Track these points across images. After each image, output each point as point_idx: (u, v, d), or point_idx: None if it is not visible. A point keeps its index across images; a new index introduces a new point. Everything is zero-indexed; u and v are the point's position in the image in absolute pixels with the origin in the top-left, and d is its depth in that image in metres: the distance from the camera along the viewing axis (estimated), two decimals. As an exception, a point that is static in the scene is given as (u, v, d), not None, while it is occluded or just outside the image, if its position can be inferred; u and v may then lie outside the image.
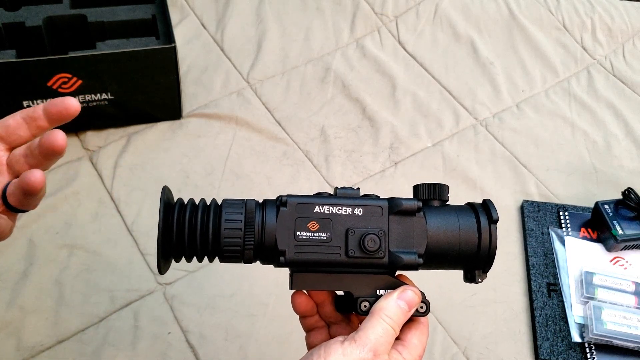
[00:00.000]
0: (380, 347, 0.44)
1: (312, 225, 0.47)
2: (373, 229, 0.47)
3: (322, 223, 0.47)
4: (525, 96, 1.06)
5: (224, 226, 0.46)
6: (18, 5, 0.88)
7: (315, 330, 0.53)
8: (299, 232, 0.47)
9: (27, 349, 0.72)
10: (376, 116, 0.99)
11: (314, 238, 0.47)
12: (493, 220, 0.49)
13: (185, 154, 0.92)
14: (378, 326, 0.44)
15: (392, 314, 0.45)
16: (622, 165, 0.97)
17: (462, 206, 0.51)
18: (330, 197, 0.48)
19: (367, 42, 1.10)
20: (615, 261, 0.84)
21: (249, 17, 1.13)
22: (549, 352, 0.75)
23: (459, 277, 0.82)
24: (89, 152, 0.92)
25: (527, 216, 0.88)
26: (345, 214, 0.47)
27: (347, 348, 0.43)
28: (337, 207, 0.47)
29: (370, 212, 0.47)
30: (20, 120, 0.46)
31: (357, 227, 0.47)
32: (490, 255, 0.49)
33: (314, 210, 0.47)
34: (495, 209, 0.49)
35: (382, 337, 0.44)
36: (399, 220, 0.48)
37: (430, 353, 0.75)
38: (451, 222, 0.49)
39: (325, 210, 0.47)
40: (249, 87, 1.02)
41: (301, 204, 0.47)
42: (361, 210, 0.47)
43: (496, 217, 0.49)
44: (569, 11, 1.19)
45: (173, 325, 0.75)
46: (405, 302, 0.46)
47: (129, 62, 0.86)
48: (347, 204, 0.47)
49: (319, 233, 0.47)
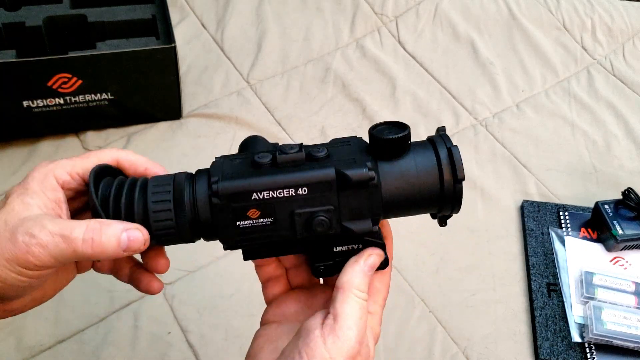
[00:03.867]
0: (363, 331, 0.41)
1: (252, 213, 0.41)
2: (321, 208, 0.41)
3: (264, 209, 0.41)
4: (525, 96, 1.06)
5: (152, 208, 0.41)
6: (18, 5, 0.88)
7: (273, 280, 0.50)
8: (238, 221, 0.41)
9: (27, 348, 0.72)
10: (376, 116, 0.99)
11: (257, 224, 0.41)
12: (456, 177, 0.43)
13: (185, 154, 0.92)
14: (356, 307, 0.41)
15: (360, 283, 0.42)
16: (622, 165, 0.97)
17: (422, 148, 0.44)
18: (268, 175, 0.41)
19: (367, 42, 1.10)
20: (615, 261, 0.84)
21: (249, 17, 1.13)
22: (549, 352, 0.75)
23: (459, 277, 0.83)
24: (89, 152, 0.92)
25: (527, 216, 0.88)
26: (288, 196, 0.41)
27: (332, 347, 0.40)
28: (277, 191, 0.41)
29: (317, 189, 0.41)
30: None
31: (303, 209, 0.41)
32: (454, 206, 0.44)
33: (251, 198, 0.41)
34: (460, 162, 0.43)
35: (361, 319, 0.41)
36: (350, 193, 0.41)
37: (430, 353, 0.75)
38: (410, 175, 0.43)
39: (265, 195, 0.40)
40: (249, 87, 1.02)
41: (235, 194, 0.41)
42: (306, 190, 0.41)
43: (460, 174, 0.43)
44: (569, 11, 1.19)
45: (173, 325, 0.75)
46: (370, 268, 0.44)
47: (129, 62, 0.86)
48: (289, 183, 0.41)
49: (261, 219, 0.41)
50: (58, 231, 0.39)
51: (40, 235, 0.39)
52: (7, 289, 0.40)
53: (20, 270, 0.39)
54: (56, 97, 0.86)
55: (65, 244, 0.39)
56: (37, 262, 0.39)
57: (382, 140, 0.42)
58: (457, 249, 0.85)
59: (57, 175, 0.43)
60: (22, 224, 0.39)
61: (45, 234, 0.39)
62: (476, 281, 0.82)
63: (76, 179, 0.44)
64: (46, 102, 0.86)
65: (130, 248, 0.40)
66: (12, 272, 0.39)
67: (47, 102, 0.87)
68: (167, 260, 0.47)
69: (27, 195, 0.41)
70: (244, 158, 0.44)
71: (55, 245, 0.39)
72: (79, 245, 0.39)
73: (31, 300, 0.44)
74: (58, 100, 0.87)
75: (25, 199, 0.41)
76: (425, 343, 0.76)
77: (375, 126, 0.44)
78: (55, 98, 0.86)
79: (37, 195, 0.41)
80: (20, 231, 0.39)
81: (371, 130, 0.43)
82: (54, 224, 0.39)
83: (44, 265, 0.39)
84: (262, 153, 0.43)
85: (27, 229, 0.39)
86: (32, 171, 0.43)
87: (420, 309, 0.79)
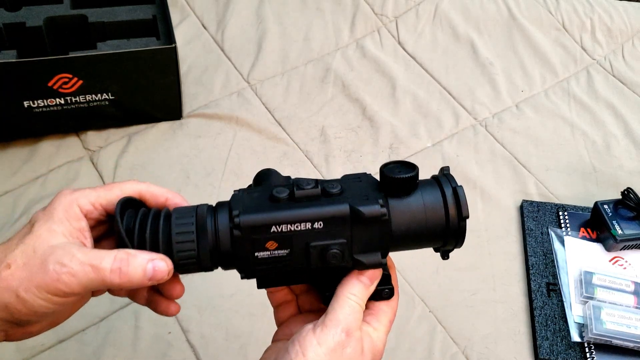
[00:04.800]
0: (351, 324, 0.44)
1: (271, 245, 0.43)
2: (335, 241, 0.44)
3: (281, 241, 0.43)
4: (524, 96, 1.06)
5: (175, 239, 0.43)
6: (19, 6, 0.88)
7: (284, 305, 0.52)
8: (256, 252, 0.44)
9: (27, 349, 0.72)
10: (376, 116, 0.99)
11: (274, 255, 0.44)
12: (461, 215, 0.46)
13: (186, 154, 0.93)
14: (345, 305, 0.45)
15: (356, 291, 0.45)
16: (621, 165, 0.97)
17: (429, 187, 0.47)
18: (286, 209, 0.43)
19: (367, 43, 1.10)
20: (614, 261, 0.84)
21: (249, 17, 1.13)
22: (549, 352, 0.75)
23: (459, 277, 0.83)
24: (90, 152, 0.92)
25: (526, 216, 0.88)
26: (305, 229, 0.43)
27: (320, 335, 0.43)
28: (295, 224, 0.43)
29: (332, 223, 0.44)
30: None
31: (318, 242, 0.44)
32: (460, 227, 0.46)
33: (270, 231, 0.43)
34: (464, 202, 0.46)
35: (350, 315, 0.44)
36: (362, 228, 0.44)
37: (430, 353, 0.75)
38: (418, 212, 0.46)
39: (283, 229, 0.43)
40: (249, 87, 1.03)
41: (256, 227, 0.43)
42: (321, 224, 0.43)
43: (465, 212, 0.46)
44: (569, 11, 1.19)
45: (173, 325, 0.75)
46: (367, 278, 0.46)
47: (130, 62, 0.86)
48: (306, 218, 0.43)
49: (278, 251, 0.44)
50: (87, 261, 0.41)
51: (70, 265, 0.40)
52: (31, 314, 0.41)
53: (48, 297, 0.41)
54: (57, 97, 0.86)
55: (94, 273, 0.41)
56: (66, 290, 0.40)
57: (392, 179, 0.45)
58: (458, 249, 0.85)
59: (80, 204, 0.44)
60: (52, 252, 0.41)
61: (76, 263, 0.40)
62: (476, 281, 0.82)
63: (98, 209, 0.45)
64: (47, 102, 0.87)
65: (155, 277, 0.42)
66: (40, 299, 0.40)
67: (48, 102, 0.87)
68: (182, 286, 0.49)
69: (52, 223, 0.43)
70: (262, 192, 0.46)
71: (85, 274, 0.40)
72: (107, 275, 0.41)
73: (48, 324, 0.46)
74: (59, 100, 0.87)
75: (52, 227, 0.42)
76: (425, 343, 0.76)
77: (386, 164, 0.47)
78: (56, 98, 0.86)
79: (62, 223, 0.43)
80: (50, 260, 0.40)
81: (382, 169, 0.46)
82: (83, 253, 0.41)
83: (72, 292, 0.41)
84: (279, 187, 0.45)
85: (58, 258, 0.40)
86: (55, 198, 0.44)
87: (420, 309, 0.79)
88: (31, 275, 0.40)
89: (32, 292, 0.40)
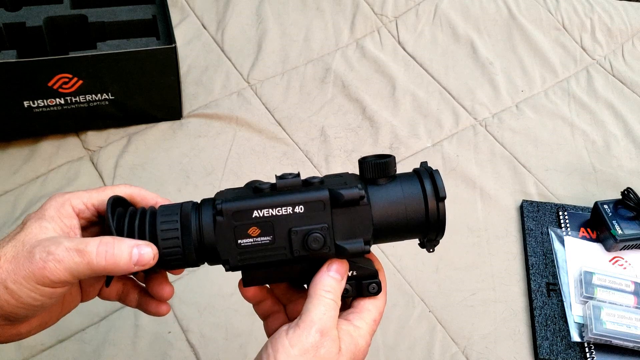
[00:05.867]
0: (326, 324, 0.43)
1: (253, 231, 0.44)
2: (316, 226, 0.45)
3: (263, 227, 0.44)
4: (524, 96, 1.06)
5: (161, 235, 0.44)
6: (19, 6, 0.88)
7: (272, 316, 0.52)
8: (239, 239, 0.44)
9: (28, 348, 0.72)
10: (376, 116, 0.99)
11: (257, 243, 0.45)
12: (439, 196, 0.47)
13: (186, 154, 0.93)
14: (319, 304, 0.44)
15: (329, 287, 0.45)
16: (621, 165, 0.97)
17: (407, 176, 0.48)
18: (268, 196, 0.45)
19: (367, 43, 1.11)
20: (614, 261, 0.84)
21: (249, 17, 1.13)
22: (549, 352, 0.75)
23: (458, 276, 0.83)
24: (90, 152, 0.92)
25: (526, 216, 0.88)
26: (286, 214, 0.44)
27: (293, 337, 0.43)
28: (276, 209, 0.44)
29: (312, 208, 0.45)
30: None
31: (300, 227, 0.45)
32: (439, 228, 0.47)
33: (252, 216, 0.44)
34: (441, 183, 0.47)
35: (325, 314, 0.44)
36: (342, 212, 0.45)
37: (430, 352, 0.75)
38: (396, 199, 0.46)
39: (265, 213, 0.44)
40: (249, 87, 1.03)
41: (238, 212, 0.44)
42: (302, 208, 0.44)
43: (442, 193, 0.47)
44: (569, 11, 1.19)
45: (173, 324, 0.75)
46: (336, 272, 0.46)
47: (130, 62, 0.86)
48: (287, 202, 0.44)
49: (261, 237, 0.45)
50: (74, 246, 0.41)
51: (57, 252, 0.41)
52: (20, 308, 0.41)
53: (36, 287, 0.41)
54: (57, 97, 0.87)
55: (80, 257, 0.41)
56: (53, 278, 0.40)
57: (369, 164, 0.47)
58: (457, 248, 0.85)
59: (73, 204, 0.45)
60: (39, 243, 0.41)
61: (62, 249, 0.41)
62: (476, 281, 0.82)
63: (91, 210, 0.46)
64: (47, 102, 0.87)
65: (140, 262, 0.43)
66: (28, 290, 0.41)
67: (48, 102, 0.87)
68: (171, 287, 0.49)
69: (44, 220, 0.43)
70: (246, 187, 0.48)
71: (71, 258, 0.41)
72: (93, 258, 0.41)
73: (38, 325, 0.46)
74: (59, 100, 0.87)
75: (43, 223, 0.43)
76: (425, 342, 0.76)
77: (364, 157, 0.48)
78: (56, 98, 0.87)
79: (54, 221, 0.44)
80: (37, 249, 0.41)
81: (360, 160, 0.48)
82: (69, 240, 0.42)
83: (59, 280, 0.41)
84: (262, 182, 0.47)
85: (45, 247, 0.41)
86: (49, 200, 0.45)
87: (420, 308, 0.79)
88: (19, 266, 0.40)
89: (19, 283, 0.40)
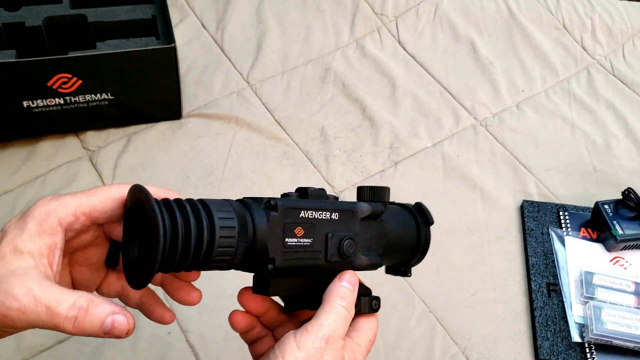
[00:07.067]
0: (335, 332, 0.43)
1: (299, 231, 0.45)
2: (348, 233, 0.47)
3: (307, 228, 0.45)
4: (525, 96, 1.06)
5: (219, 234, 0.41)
6: (18, 5, 0.88)
7: (260, 341, 0.51)
8: (287, 238, 0.44)
9: (27, 348, 0.72)
10: (376, 116, 0.99)
11: (300, 244, 0.45)
12: (428, 222, 0.53)
13: (185, 154, 0.92)
14: (331, 311, 0.44)
15: (343, 295, 0.45)
16: (621, 165, 0.97)
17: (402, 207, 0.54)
18: (312, 201, 0.47)
19: (367, 42, 1.10)
20: (615, 261, 0.84)
21: (249, 17, 1.13)
22: (549, 352, 0.75)
23: (459, 277, 0.83)
24: (89, 152, 0.92)
25: (527, 216, 0.88)
26: (326, 218, 0.46)
27: (300, 339, 0.42)
28: (319, 212, 0.46)
29: (344, 217, 0.47)
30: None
31: (335, 232, 0.47)
32: (424, 252, 0.54)
33: (299, 215, 0.45)
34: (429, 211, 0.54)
35: (335, 322, 0.44)
36: (366, 224, 0.49)
37: (430, 353, 0.75)
38: (399, 223, 0.52)
39: (309, 215, 0.46)
40: (249, 87, 1.03)
41: (289, 209, 0.45)
42: (337, 215, 0.47)
43: (431, 219, 0.54)
44: (569, 11, 1.19)
45: (173, 325, 0.75)
46: (348, 282, 0.47)
47: (129, 62, 0.86)
48: (327, 207, 0.47)
49: (304, 239, 0.45)
50: (44, 301, 0.37)
51: (23, 300, 0.36)
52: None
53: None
54: (56, 97, 0.86)
55: (47, 316, 0.37)
56: (12, 325, 0.37)
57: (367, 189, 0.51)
58: (458, 249, 0.85)
59: (60, 216, 0.40)
60: (7, 279, 0.37)
61: (29, 299, 0.37)
62: (476, 281, 0.82)
63: (81, 219, 0.41)
64: (46, 102, 0.86)
65: (111, 333, 0.39)
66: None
67: (47, 102, 0.87)
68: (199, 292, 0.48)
69: (21, 240, 0.39)
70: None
71: (37, 314, 0.37)
72: (61, 322, 0.37)
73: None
74: (58, 100, 0.87)
75: (19, 245, 0.39)
76: (425, 343, 0.76)
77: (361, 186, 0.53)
78: (55, 98, 0.86)
79: (32, 240, 0.39)
80: (2, 289, 0.37)
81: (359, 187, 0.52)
82: (41, 289, 0.37)
83: (18, 328, 0.38)
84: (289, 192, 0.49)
85: (11, 289, 0.37)
86: (33, 207, 0.40)
87: (420, 309, 0.79)
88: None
89: None
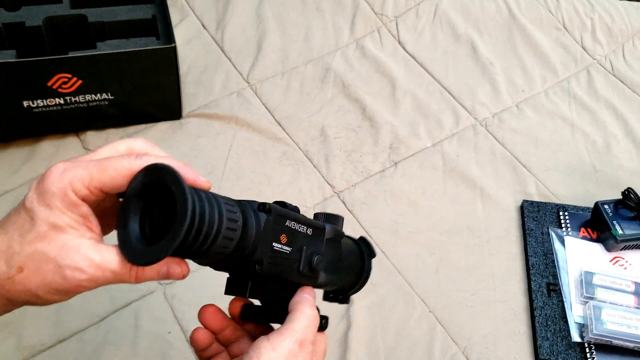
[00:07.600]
0: (307, 337, 0.46)
1: (283, 238, 0.46)
2: (317, 249, 0.49)
3: (289, 237, 0.47)
4: (525, 96, 1.06)
5: (226, 225, 0.41)
6: (18, 6, 0.88)
7: (215, 358, 0.52)
8: (274, 242, 0.45)
9: (28, 348, 0.72)
10: (376, 116, 0.99)
11: (282, 250, 0.46)
12: (372, 254, 0.57)
13: (185, 154, 0.92)
14: (303, 317, 0.46)
15: (310, 304, 0.48)
16: (621, 165, 0.97)
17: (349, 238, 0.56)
18: (294, 213, 0.48)
19: (367, 42, 1.10)
20: (615, 261, 0.84)
21: (249, 17, 1.13)
22: (549, 352, 0.75)
23: (459, 277, 0.83)
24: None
25: (527, 216, 0.88)
26: (303, 232, 0.48)
27: (275, 341, 0.44)
28: (299, 225, 0.48)
29: (315, 233, 0.49)
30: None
31: (308, 246, 0.48)
32: (364, 283, 0.56)
33: (285, 224, 0.46)
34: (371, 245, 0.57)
35: (307, 328, 0.46)
36: (329, 244, 0.51)
37: (430, 353, 0.75)
38: (352, 251, 0.55)
39: (293, 225, 0.47)
40: (249, 87, 1.03)
41: (279, 215, 0.46)
42: (311, 231, 0.49)
43: (374, 253, 0.57)
44: (569, 11, 1.19)
45: (173, 324, 0.75)
46: (309, 295, 0.49)
47: (129, 62, 0.86)
48: (304, 222, 0.48)
49: (286, 246, 0.46)
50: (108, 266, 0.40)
51: (89, 271, 0.40)
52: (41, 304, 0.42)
53: (67, 296, 0.41)
54: (56, 97, 0.86)
55: (114, 278, 0.41)
56: (84, 290, 0.41)
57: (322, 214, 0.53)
58: (457, 249, 0.85)
59: (75, 189, 0.40)
60: (66, 256, 0.39)
61: (95, 269, 0.40)
62: (476, 281, 0.82)
63: (94, 192, 0.41)
64: (46, 102, 0.86)
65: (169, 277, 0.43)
66: (58, 297, 0.41)
67: (47, 102, 0.87)
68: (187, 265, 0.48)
69: (53, 215, 0.40)
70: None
71: (105, 279, 0.41)
72: (126, 279, 0.41)
73: None
74: (58, 100, 0.87)
75: (55, 221, 0.40)
76: (425, 343, 0.76)
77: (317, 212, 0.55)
78: (56, 98, 0.86)
79: (64, 214, 0.40)
80: (66, 266, 0.39)
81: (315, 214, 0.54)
82: (101, 255, 0.40)
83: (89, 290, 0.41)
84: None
85: (74, 263, 0.39)
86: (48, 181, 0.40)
87: (420, 309, 0.79)
88: (47, 281, 0.39)
89: (51, 293, 0.40)
